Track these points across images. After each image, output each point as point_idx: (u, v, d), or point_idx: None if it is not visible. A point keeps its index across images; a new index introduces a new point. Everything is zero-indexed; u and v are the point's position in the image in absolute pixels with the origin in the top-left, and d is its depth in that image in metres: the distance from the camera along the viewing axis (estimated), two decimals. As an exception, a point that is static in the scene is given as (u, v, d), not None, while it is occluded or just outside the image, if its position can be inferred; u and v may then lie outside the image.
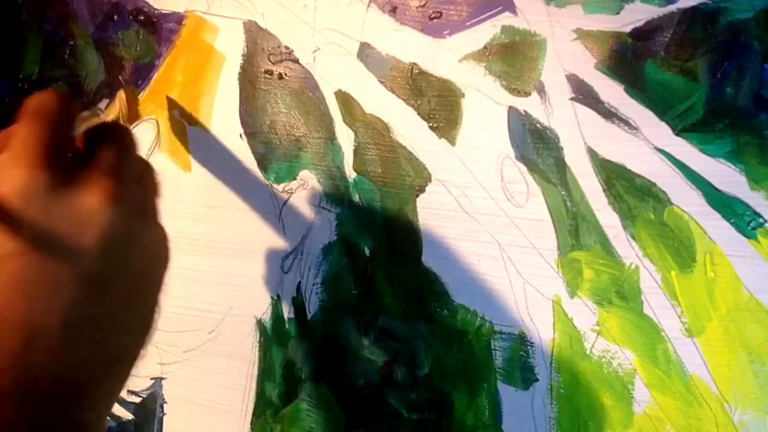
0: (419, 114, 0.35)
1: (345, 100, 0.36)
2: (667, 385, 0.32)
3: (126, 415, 0.43)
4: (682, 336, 0.31)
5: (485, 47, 0.33)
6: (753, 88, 0.29)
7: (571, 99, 0.32)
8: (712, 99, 0.30)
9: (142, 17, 0.41)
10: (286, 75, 0.38)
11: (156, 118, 0.41)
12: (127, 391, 0.43)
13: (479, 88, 0.34)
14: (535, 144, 0.33)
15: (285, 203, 0.39)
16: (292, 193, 0.38)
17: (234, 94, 0.39)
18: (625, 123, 0.31)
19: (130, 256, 0.25)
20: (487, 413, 0.35)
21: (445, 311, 0.36)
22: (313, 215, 0.38)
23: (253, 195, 0.39)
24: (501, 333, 0.35)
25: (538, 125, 0.33)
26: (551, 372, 0.34)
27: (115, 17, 0.41)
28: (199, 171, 0.40)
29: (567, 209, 0.33)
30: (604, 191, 0.32)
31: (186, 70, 0.40)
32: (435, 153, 0.35)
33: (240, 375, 0.41)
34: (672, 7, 0.30)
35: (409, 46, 0.35)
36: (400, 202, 0.36)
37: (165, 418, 0.43)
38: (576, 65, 0.32)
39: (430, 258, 0.36)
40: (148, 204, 0.28)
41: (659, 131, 0.31)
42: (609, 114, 0.31)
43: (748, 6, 0.29)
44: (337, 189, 0.37)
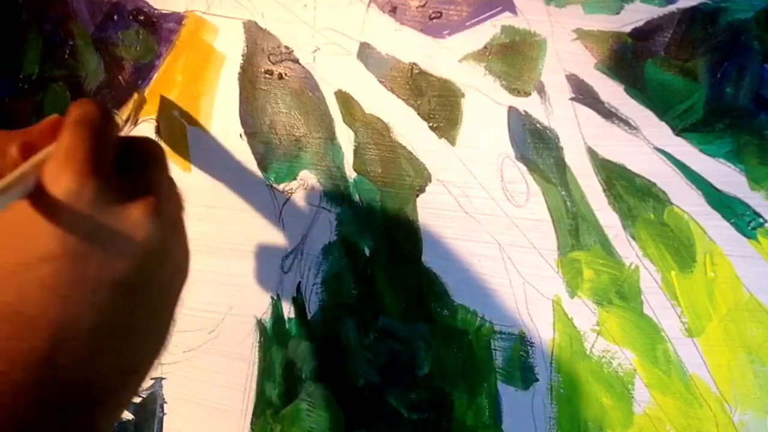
0: (419, 114, 0.35)
1: (345, 100, 0.36)
2: (667, 385, 0.32)
3: (126, 415, 0.43)
4: (682, 336, 0.31)
5: (485, 47, 0.33)
6: (753, 88, 0.29)
7: (571, 99, 0.32)
8: (712, 99, 0.30)
9: (142, 17, 0.41)
10: (286, 75, 0.38)
11: (156, 118, 0.41)
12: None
13: (479, 88, 0.34)
14: (535, 144, 0.33)
15: (285, 203, 0.39)
16: (292, 193, 0.38)
17: (234, 94, 0.39)
18: (625, 123, 0.31)
19: (160, 268, 0.26)
20: (487, 413, 0.35)
21: (445, 311, 0.36)
22: (313, 215, 0.38)
23: (253, 195, 0.39)
24: (501, 333, 0.35)
25: (538, 125, 0.33)
26: (551, 372, 0.34)
27: (115, 17, 0.41)
28: (199, 171, 0.40)
29: (567, 209, 0.33)
30: (604, 191, 0.32)
31: (186, 70, 0.40)
32: (435, 153, 0.35)
33: (240, 375, 0.41)
34: (672, 7, 0.30)
35: (409, 46, 0.35)
36: (400, 202, 0.36)
37: (165, 418, 0.43)
38: (576, 65, 0.32)
39: (430, 258, 0.36)
40: (178, 221, 0.29)
41: (659, 131, 0.31)
42: (609, 114, 0.31)
43: (748, 6, 0.29)
44: (337, 189, 0.37)
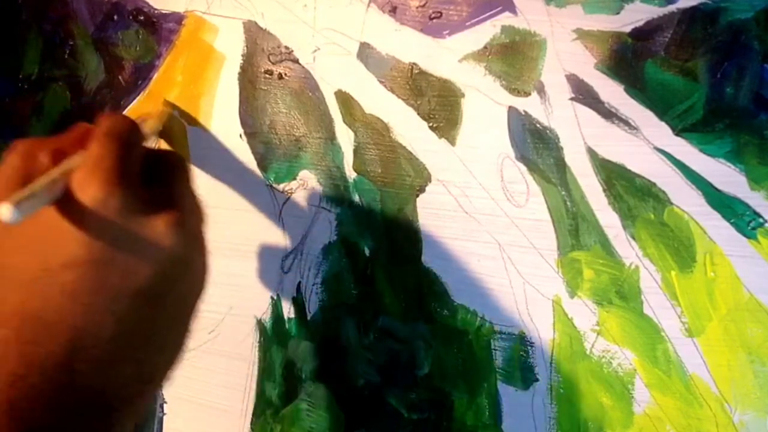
0: (419, 114, 0.35)
1: (345, 100, 0.36)
2: (667, 385, 0.32)
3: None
4: (682, 336, 0.31)
5: (485, 47, 0.33)
6: (753, 88, 0.29)
7: (571, 99, 0.32)
8: (712, 99, 0.30)
9: (141, 17, 0.41)
10: (286, 75, 0.38)
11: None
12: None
13: (479, 88, 0.34)
14: (535, 144, 0.33)
15: (285, 203, 0.39)
16: (292, 193, 0.38)
17: (234, 94, 0.39)
18: (625, 123, 0.31)
19: (181, 279, 0.26)
20: (487, 413, 0.35)
21: (445, 311, 0.36)
22: (313, 215, 0.38)
23: (253, 195, 0.39)
24: (501, 333, 0.35)
25: (538, 125, 0.33)
26: (551, 372, 0.34)
27: (115, 17, 0.41)
28: (199, 171, 0.40)
29: (567, 209, 0.33)
30: (604, 191, 0.32)
31: (186, 70, 0.40)
32: (435, 153, 0.35)
33: (240, 375, 0.41)
34: (672, 7, 0.30)
35: (409, 46, 0.35)
36: (400, 202, 0.36)
37: (165, 418, 0.43)
38: (576, 65, 0.32)
39: (430, 258, 0.36)
40: (199, 233, 0.29)
41: (659, 131, 0.31)
42: (609, 114, 0.31)
43: (748, 6, 0.29)
44: (337, 189, 0.37)
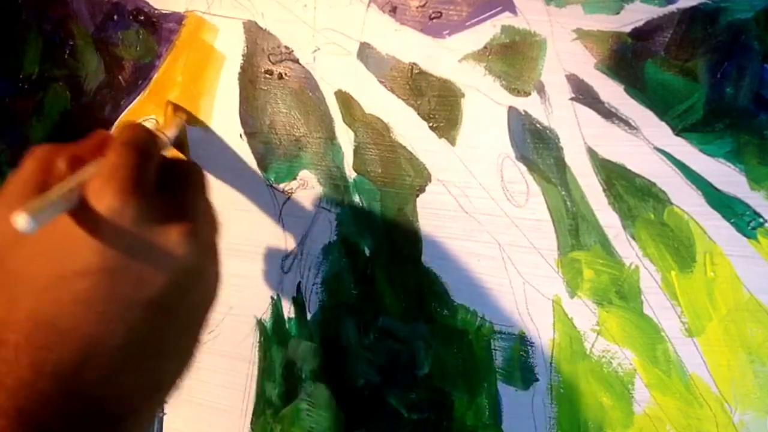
0: (419, 114, 0.35)
1: (345, 100, 0.36)
2: (667, 385, 0.32)
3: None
4: (682, 336, 0.31)
5: (485, 47, 0.33)
6: (753, 88, 0.29)
7: (571, 99, 0.32)
8: (712, 99, 0.30)
9: (142, 17, 0.41)
10: (286, 75, 0.38)
11: (156, 117, 0.41)
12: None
13: (479, 88, 0.34)
14: (535, 144, 0.33)
15: (285, 203, 0.39)
16: (292, 193, 0.38)
17: (234, 94, 0.39)
18: (625, 123, 0.31)
19: (193, 289, 0.26)
20: (487, 413, 0.35)
21: (445, 311, 0.36)
22: (313, 215, 0.38)
23: (253, 195, 0.39)
24: (501, 333, 0.35)
25: (538, 125, 0.33)
26: (551, 372, 0.34)
27: (115, 17, 0.41)
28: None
29: (567, 209, 0.33)
30: (604, 191, 0.32)
31: (186, 70, 0.40)
32: (435, 153, 0.35)
33: (240, 375, 0.41)
34: (672, 7, 0.30)
35: (409, 46, 0.35)
36: (400, 202, 0.36)
37: (165, 418, 0.43)
38: (576, 65, 0.32)
39: (430, 258, 0.36)
40: (213, 243, 0.29)
41: (659, 131, 0.31)
42: (609, 114, 0.31)
43: (748, 6, 0.29)
44: (337, 189, 0.37)
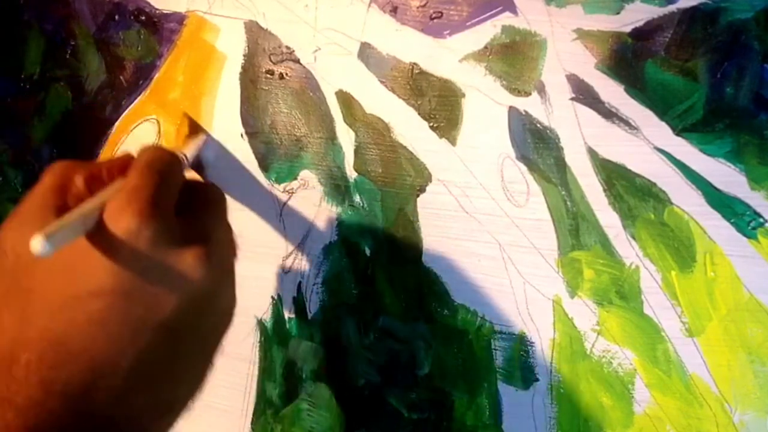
0: (420, 114, 0.35)
1: (346, 100, 0.36)
2: (667, 385, 0.31)
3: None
4: (682, 336, 0.31)
5: (485, 47, 0.33)
6: (753, 88, 0.29)
7: (572, 99, 0.32)
8: (712, 99, 0.30)
9: (143, 17, 0.41)
10: (287, 75, 0.38)
11: (157, 118, 0.41)
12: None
13: (480, 88, 0.34)
14: (536, 144, 0.33)
15: (285, 203, 0.39)
16: (292, 193, 0.38)
17: (235, 94, 0.39)
18: (625, 123, 0.31)
19: (205, 314, 0.26)
20: (487, 413, 0.35)
21: (445, 311, 0.36)
22: (314, 215, 0.38)
23: (254, 195, 0.39)
24: (501, 333, 0.35)
25: (538, 125, 0.33)
26: (551, 372, 0.34)
27: (117, 17, 0.42)
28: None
29: (567, 209, 0.33)
30: (604, 191, 0.32)
31: (187, 70, 0.40)
32: (435, 153, 0.35)
33: (240, 375, 0.41)
34: (672, 7, 0.30)
35: (410, 46, 0.35)
36: (400, 202, 0.36)
37: (165, 417, 0.43)
38: (576, 65, 0.32)
39: (430, 258, 0.36)
40: (229, 267, 0.29)
41: (659, 131, 0.31)
42: (609, 114, 0.31)
43: (748, 6, 0.29)
44: (338, 189, 0.37)
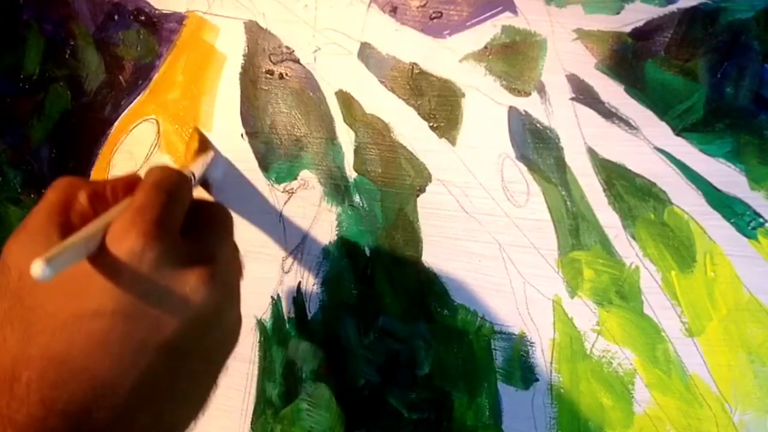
0: (419, 114, 0.35)
1: (345, 100, 0.36)
2: (667, 385, 0.31)
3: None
4: (682, 336, 0.31)
5: (485, 47, 0.33)
6: (753, 88, 0.29)
7: (572, 99, 0.32)
8: (712, 99, 0.30)
9: (142, 17, 0.41)
10: (286, 75, 0.38)
11: (156, 117, 0.41)
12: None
13: (479, 88, 0.34)
14: (536, 144, 0.33)
15: (286, 203, 0.39)
16: (292, 193, 0.38)
17: (235, 94, 0.39)
18: (625, 123, 0.31)
19: (208, 335, 0.26)
20: (487, 413, 0.35)
21: (445, 311, 0.36)
22: (314, 215, 0.38)
23: (254, 195, 0.39)
24: (501, 333, 0.35)
25: (538, 125, 0.33)
26: (551, 372, 0.34)
27: (116, 17, 0.42)
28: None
29: (567, 209, 0.33)
30: (604, 191, 0.32)
31: (187, 70, 0.40)
32: (435, 153, 0.35)
33: (240, 375, 0.41)
34: (672, 7, 0.30)
35: (410, 46, 0.35)
36: (400, 202, 0.36)
37: (165, 418, 0.43)
38: (576, 65, 0.32)
39: (430, 258, 0.36)
40: (234, 287, 0.29)
41: (659, 131, 0.31)
42: (609, 114, 0.31)
43: (748, 6, 0.29)
44: (338, 189, 0.37)
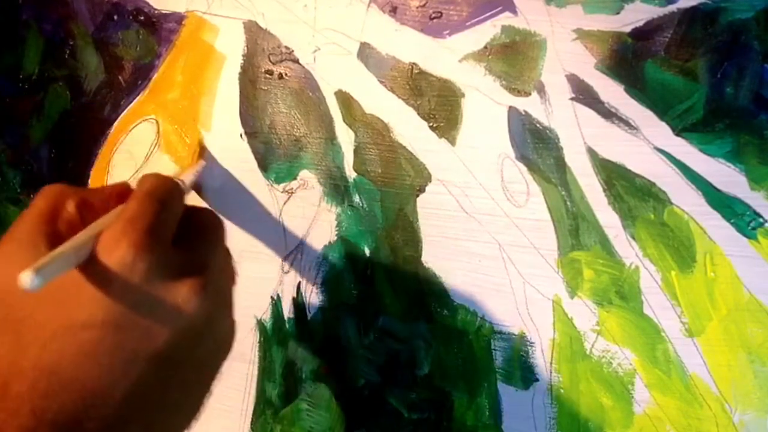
0: (419, 114, 0.35)
1: (345, 100, 0.36)
2: (667, 385, 0.32)
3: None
4: (682, 336, 0.31)
5: (485, 47, 0.33)
6: (753, 88, 0.29)
7: (571, 99, 0.32)
8: (712, 99, 0.30)
9: (142, 17, 0.41)
10: (286, 75, 0.38)
11: (155, 117, 0.41)
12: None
13: (479, 88, 0.34)
14: (535, 144, 0.33)
15: (285, 203, 0.39)
16: (292, 193, 0.38)
17: (234, 94, 0.39)
18: (625, 123, 0.31)
19: (200, 345, 0.26)
20: (487, 413, 0.35)
21: (445, 311, 0.36)
22: (313, 215, 0.38)
23: (254, 195, 0.39)
24: (501, 333, 0.35)
25: (538, 125, 0.33)
26: (551, 372, 0.34)
27: (115, 17, 0.41)
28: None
29: (567, 209, 0.33)
30: (604, 191, 0.32)
31: (186, 70, 0.40)
32: (435, 153, 0.35)
33: (240, 375, 0.41)
34: (672, 7, 0.30)
35: (409, 46, 0.35)
36: (400, 202, 0.36)
37: (165, 418, 0.43)
38: (576, 65, 0.32)
39: (430, 258, 0.36)
40: (227, 295, 0.29)
41: (659, 131, 0.31)
42: (609, 114, 0.31)
43: (748, 6, 0.29)
44: (337, 189, 0.37)
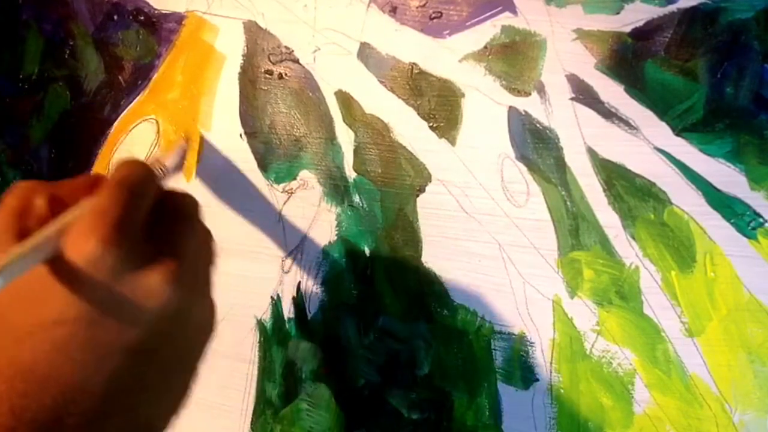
0: (419, 114, 0.35)
1: (345, 100, 0.36)
2: (667, 385, 0.31)
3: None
4: (682, 336, 0.31)
5: (485, 47, 0.33)
6: (753, 88, 0.29)
7: (571, 99, 0.32)
8: (712, 99, 0.30)
9: (142, 17, 0.41)
10: (286, 75, 0.38)
11: (155, 117, 0.41)
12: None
13: (479, 88, 0.34)
14: (535, 144, 0.33)
15: (285, 203, 0.39)
16: (292, 193, 0.38)
17: (234, 94, 0.39)
18: (625, 123, 0.31)
19: (177, 331, 0.26)
20: (487, 413, 0.35)
21: (445, 311, 0.36)
22: (313, 215, 0.38)
23: (253, 195, 0.39)
24: (501, 333, 0.35)
25: (538, 125, 0.33)
26: (551, 372, 0.34)
27: (115, 17, 0.41)
28: (200, 171, 0.40)
29: (567, 209, 0.33)
30: (604, 191, 0.32)
31: (186, 70, 0.40)
32: (435, 153, 0.35)
33: (240, 375, 0.41)
34: (672, 7, 0.30)
35: (409, 46, 0.35)
36: (400, 202, 0.36)
37: (165, 418, 0.43)
38: (576, 65, 0.32)
39: (430, 258, 0.36)
40: (204, 277, 0.28)
41: (659, 131, 0.31)
42: (609, 114, 0.31)
43: (748, 6, 0.29)
44: (337, 189, 0.37)
